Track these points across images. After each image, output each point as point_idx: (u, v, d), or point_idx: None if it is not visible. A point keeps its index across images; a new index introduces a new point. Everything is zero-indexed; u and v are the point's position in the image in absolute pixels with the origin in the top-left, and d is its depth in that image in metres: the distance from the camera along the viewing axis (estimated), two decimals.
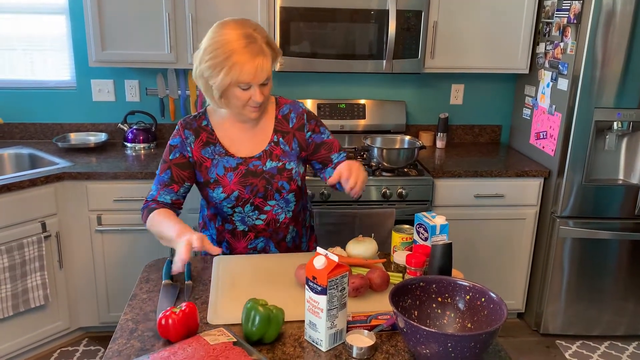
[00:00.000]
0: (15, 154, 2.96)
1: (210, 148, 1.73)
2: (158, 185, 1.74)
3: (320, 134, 1.81)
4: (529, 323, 3.17)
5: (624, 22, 2.60)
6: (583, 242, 2.89)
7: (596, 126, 2.75)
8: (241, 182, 1.72)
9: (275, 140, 1.76)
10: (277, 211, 1.78)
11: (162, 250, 2.80)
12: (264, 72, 1.57)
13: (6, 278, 2.50)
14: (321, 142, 1.81)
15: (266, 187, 1.74)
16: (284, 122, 1.78)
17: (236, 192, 1.72)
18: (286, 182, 1.75)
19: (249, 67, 1.54)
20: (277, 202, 1.77)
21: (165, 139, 3.29)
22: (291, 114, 1.79)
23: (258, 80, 1.57)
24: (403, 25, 2.84)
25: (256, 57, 1.54)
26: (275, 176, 1.74)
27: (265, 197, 1.75)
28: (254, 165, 1.73)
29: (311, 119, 1.81)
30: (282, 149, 1.76)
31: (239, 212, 1.77)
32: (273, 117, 1.78)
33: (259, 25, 1.63)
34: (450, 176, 2.86)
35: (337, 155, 1.83)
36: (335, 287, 1.26)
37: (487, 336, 1.15)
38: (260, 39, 1.57)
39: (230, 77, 1.55)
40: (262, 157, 1.74)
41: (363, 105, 3.27)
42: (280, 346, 1.31)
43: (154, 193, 1.74)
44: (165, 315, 1.29)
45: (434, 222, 1.61)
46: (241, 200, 1.74)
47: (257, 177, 1.73)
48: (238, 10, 2.79)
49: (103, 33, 2.78)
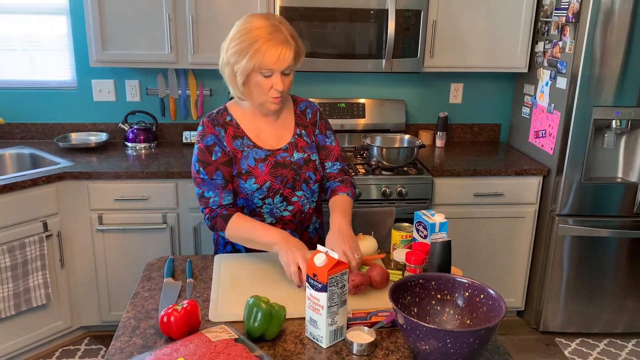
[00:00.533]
0: (16, 154, 2.97)
1: (238, 141, 1.76)
2: (215, 190, 1.74)
3: (325, 136, 1.89)
4: (529, 321, 3.19)
5: (623, 21, 2.61)
6: (582, 240, 2.90)
7: (595, 124, 2.76)
8: (272, 172, 1.76)
9: (298, 132, 1.84)
10: (303, 202, 1.83)
11: (163, 250, 2.82)
12: (285, 60, 1.62)
13: (8, 277, 2.51)
14: (323, 145, 1.89)
15: (294, 177, 1.79)
16: (302, 116, 1.86)
17: (268, 183, 1.76)
18: (312, 172, 1.82)
19: (271, 53, 1.59)
20: (304, 193, 1.82)
21: (166, 139, 3.31)
22: (307, 110, 1.88)
23: (279, 66, 1.62)
24: (402, 25, 2.85)
25: (280, 44, 1.60)
26: (302, 167, 1.80)
27: (293, 187, 1.80)
28: (282, 157, 1.78)
29: (322, 119, 1.90)
30: (305, 141, 1.84)
31: (268, 204, 1.80)
32: (292, 112, 1.86)
33: (285, 20, 1.70)
34: (450, 175, 2.87)
35: (331, 165, 1.90)
36: (336, 284, 1.27)
37: (486, 332, 1.16)
38: (285, 30, 1.64)
39: (254, 61, 1.60)
40: (289, 149, 1.80)
41: (363, 105, 3.28)
42: (282, 343, 1.32)
43: (216, 199, 1.74)
44: (167, 312, 1.31)
45: (433, 220, 1.62)
46: (272, 191, 1.77)
47: (287, 168, 1.78)
48: (238, 10, 2.80)
49: (104, 33, 2.79)
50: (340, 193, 1.84)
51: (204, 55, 2.85)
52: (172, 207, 2.76)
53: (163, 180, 2.71)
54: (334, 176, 1.90)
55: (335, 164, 1.91)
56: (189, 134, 3.20)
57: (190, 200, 2.76)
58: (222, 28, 2.82)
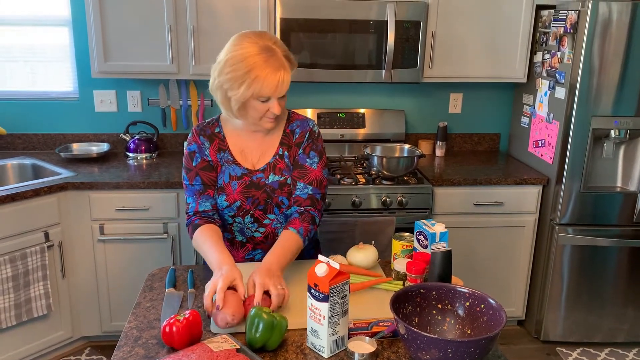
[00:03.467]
0: (18, 164, 2.99)
1: (221, 154, 1.75)
2: (194, 196, 1.74)
3: (307, 156, 1.76)
4: (530, 330, 3.18)
5: (620, 31, 2.63)
6: (582, 249, 2.91)
7: (594, 134, 2.78)
8: (244, 192, 1.73)
9: (280, 153, 1.76)
10: (275, 225, 1.79)
11: (165, 260, 2.82)
12: (284, 86, 1.58)
13: (9, 288, 2.51)
14: (301, 164, 1.76)
15: (266, 200, 1.74)
16: (290, 136, 1.78)
17: (238, 202, 1.73)
18: (286, 197, 1.75)
19: (270, 81, 1.55)
20: (276, 217, 1.78)
21: (167, 149, 3.32)
22: (297, 129, 1.78)
23: (279, 93, 1.59)
24: (402, 36, 2.88)
25: (277, 71, 1.56)
26: (275, 190, 1.74)
27: (265, 209, 1.76)
28: (257, 177, 1.74)
29: (310, 139, 1.78)
30: (285, 163, 1.76)
31: (238, 223, 1.78)
32: (282, 130, 1.78)
33: (277, 38, 1.65)
34: (450, 184, 2.88)
35: (303, 187, 1.75)
36: (337, 294, 1.28)
37: (487, 342, 1.16)
38: (280, 52, 1.58)
39: (252, 91, 1.56)
40: (266, 170, 1.75)
41: (363, 115, 3.29)
42: (283, 353, 1.33)
43: (193, 205, 1.74)
44: (169, 322, 1.31)
45: (433, 230, 1.63)
46: (242, 211, 1.75)
47: (259, 190, 1.74)
48: (239, 22, 2.82)
49: (105, 44, 2.81)
50: (291, 229, 1.67)
51: (205, 66, 2.87)
52: (173, 217, 2.77)
53: (164, 190, 2.72)
54: (300, 202, 1.74)
55: (308, 188, 1.74)
56: None
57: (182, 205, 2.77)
58: (223, 39, 2.82)
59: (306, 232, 1.69)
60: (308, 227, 1.71)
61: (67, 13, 3.11)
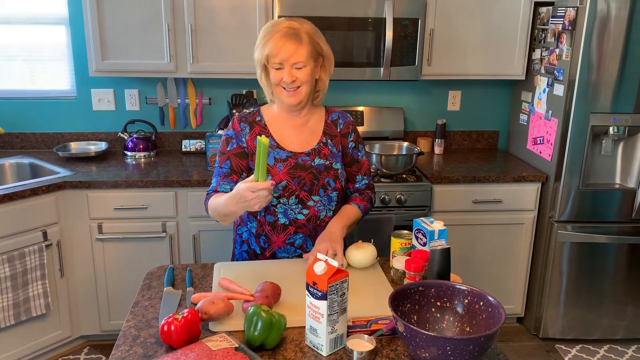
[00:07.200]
0: (16, 163, 2.98)
1: None
2: (218, 177, 1.82)
3: (358, 150, 1.94)
4: (529, 327, 3.18)
5: (619, 28, 2.63)
6: (581, 246, 2.91)
7: (592, 131, 2.77)
8: (290, 173, 1.78)
9: (324, 141, 1.86)
10: (319, 207, 1.83)
11: (163, 258, 2.82)
12: (288, 52, 1.68)
13: (7, 287, 2.51)
14: (357, 159, 1.94)
15: (313, 181, 1.80)
16: (332, 126, 1.89)
17: (284, 182, 1.77)
18: (332, 179, 1.83)
19: (275, 44, 1.68)
20: (320, 199, 1.83)
21: (165, 148, 3.32)
22: (339, 120, 1.90)
23: (282, 57, 1.68)
24: (400, 33, 2.87)
25: (287, 37, 1.68)
26: (322, 172, 1.81)
27: (310, 191, 1.81)
28: (303, 160, 1.81)
29: (355, 131, 1.94)
30: (330, 150, 1.85)
31: (282, 204, 1.80)
32: (323, 120, 1.89)
33: (313, 26, 1.77)
34: (449, 182, 2.88)
35: (361, 178, 1.95)
36: (336, 292, 1.28)
37: (486, 339, 1.16)
38: (303, 30, 1.72)
39: (263, 51, 1.70)
40: (311, 154, 1.82)
41: (361, 112, 3.29)
42: (282, 351, 1.33)
43: (214, 185, 1.82)
44: (168, 321, 1.31)
45: (432, 228, 1.63)
46: (287, 191, 1.78)
47: (305, 171, 1.80)
48: (237, 20, 2.82)
49: (103, 43, 2.80)
50: (352, 204, 1.88)
51: (203, 65, 2.86)
52: (171, 216, 2.76)
53: (162, 189, 2.72)
54: (360, 191, 1.95)
55: (364, 179, 1.95)
56: (188, 142, 3.21)
57: (189, 208, 2.77)
58: (221, 37, 2.84)
59: (365, 209, 1.92)
60: (367, 205, 1.93)
61: (65, 11, 3.10)
